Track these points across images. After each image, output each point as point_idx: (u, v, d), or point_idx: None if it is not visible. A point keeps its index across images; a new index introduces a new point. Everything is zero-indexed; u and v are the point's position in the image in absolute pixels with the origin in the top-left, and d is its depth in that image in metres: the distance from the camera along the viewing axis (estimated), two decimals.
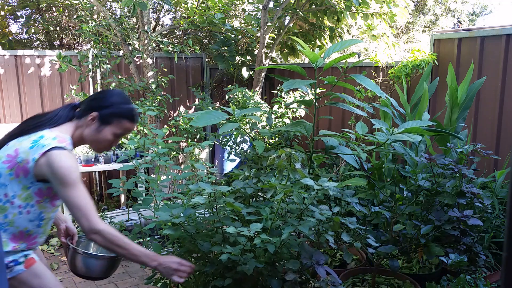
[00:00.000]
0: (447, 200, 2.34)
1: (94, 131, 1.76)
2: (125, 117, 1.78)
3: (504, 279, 0.56)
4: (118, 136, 1.81)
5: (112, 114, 1.76)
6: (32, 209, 1.69)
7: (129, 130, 1.83)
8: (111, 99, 1.78)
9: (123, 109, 1.77)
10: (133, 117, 1.81)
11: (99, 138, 1.77)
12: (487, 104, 3.65)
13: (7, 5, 7.14)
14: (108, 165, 4.28)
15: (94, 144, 1.81)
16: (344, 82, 2.31)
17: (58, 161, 1.60)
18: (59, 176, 1.60)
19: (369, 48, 9.80)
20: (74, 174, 1.62)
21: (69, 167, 1.61)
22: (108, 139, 1.78)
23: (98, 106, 1.76)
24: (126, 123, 1.79)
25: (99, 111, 1.75)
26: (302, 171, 1.82)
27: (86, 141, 1.80)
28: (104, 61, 4.75)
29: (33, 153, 1.62)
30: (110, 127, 1.77)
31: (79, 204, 1.61)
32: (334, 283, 1.78)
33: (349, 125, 4.69)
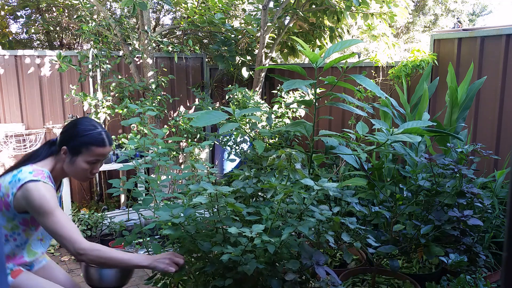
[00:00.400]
0: (447, 200, 2.34)
1: (69, 164, 1.82)
2: (92, 144, 1.80)
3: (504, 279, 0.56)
4: (93, 163, 1.84)
5: (79, 145, 1.80)
6: (19, 237, 1.79)
7: (103, 155, 1.84)
8: (76, 130, 1.81)
9: (89, 137, 1.80)
10: (102, 142, 1.83)
11: (76, 170, 1.82)
12: (487, 104, 3.65)
13: (7, 5, 7.14)
14: (108, 165, 4.28)
15: (74, 175, 1.86)
16: (344, 82, 2.31)
17: (32, 193, 1.67)
18: (35, 207, 1.67)
19: (369, 48, 9.80)
20: (49, 203, 1.67)
21: (43, 197, 1.67)
22: (84, 168, 1.82)
23: (66, 139, 1.82)
24: (96, 149, 1.81)
25: (67, 144, 1.80)
26: (302, 171, 1.82)
27: (67, 174, 1.87)
28: (104, 61, 4.75)
29: (11, 187, 1.71)
30: (81, 156, 1.81)
31: (59, 231, 1.66)
32: (334, 283, 1.78)
33: (349, 125, 4.70)
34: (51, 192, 1.73)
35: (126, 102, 4.45)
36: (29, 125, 4.81)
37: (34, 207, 1.68)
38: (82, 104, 5.00)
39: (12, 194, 1.70)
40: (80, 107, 5.10)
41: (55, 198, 1.73)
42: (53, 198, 1.71)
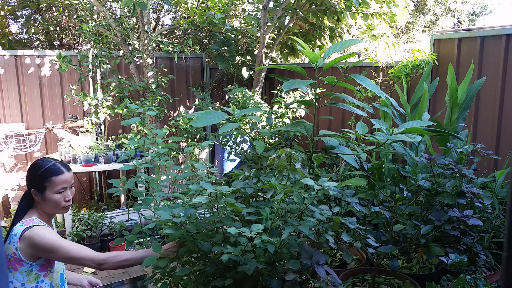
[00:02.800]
0: (447, 200, 2.34)
1: (44, 203, 1.96)
2: (50, 175, 1.95)
3: (504, 279, 0.56)
4: (61, 191, 1.97)
5: (40, 181, 1.94)
6: (43, 283, 1.94)
7: (66, 181, 1.98)
8: (33, 171, 1.97)
9: (45, 171, 1.95)
10: (58, 170, 1.97)
11: (50, 204, 1.96)
12: (487, 104, 3.65)
13: (7, 5, 7.14)
14: (108, 165, 4.28)
15: (52, 210, 1.99)
16: (344, 82, 2.31)
17: (33, 238, 1.83)
18: (43, 247, 1.84)
19: (369, 48, 9.80)
20: (52, 239, 1.84)
21: (44, 237, 1.84)
22: (56, 199, 1.96)
23: (30, 183, 1.97)
24: (56, 179, 1.95)
25: (33, 186, 1.95)
26: (302, 171, 1.82)
27: (49, 212, 2.01)
28: (104, 61, 4.75)
29: (13, 245, 1.86)
30: (48, 191, 1.94)
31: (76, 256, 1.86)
32: (334, 283, 1.78)
33: (349, 125, 4.70)
34: (47, 229, 1.88)
35: (126, 102, 4.45)
36: (29, 125, 4.81)
37: (42, 248, 1.84)
38: (82, 104, 5.00)
39: (17, 249, 1.84)
40: (80, 107, 5.10)
41: (54, 233, 1.89)
42: (53, 234, 1.87)
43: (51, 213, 2.02)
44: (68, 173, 1.99)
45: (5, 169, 4.55)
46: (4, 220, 4.54)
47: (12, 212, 4.47)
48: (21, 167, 4.77)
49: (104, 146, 4.50)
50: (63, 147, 4.38)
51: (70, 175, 2.01)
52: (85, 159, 4.13)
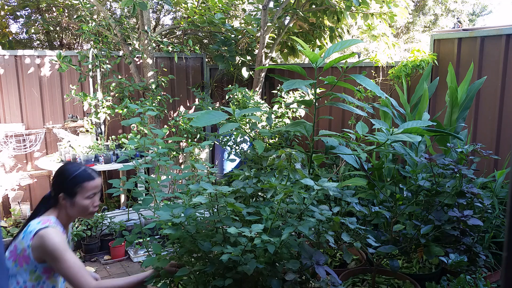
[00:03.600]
0: (447, 200, 2.34)
1: (71, 207, 1.97)
2: (83, 181, 1.97)
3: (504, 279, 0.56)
4: (91, 197, 1.99)
5: (72, 186, 1.95)
6: (45, 284, 1.93)
7: (96, 187, 2.01)
8: (64, 176, 1.98)
9: (77, 177, 1.97)
10: (90, 176, 1.99)
11: (79, 209, 1.97)
12: (487, 104, 3.65)
13: (7, 5, 7.14)
14: (108, 165, 4.28)
15: (80, 215, 2.01)
16: (344, 82, 2.31)
17: (44, 240, 1.83)
18: (48, 253, 1.83)
19: (369, 48, 9.80)
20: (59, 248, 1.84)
21: (54, 243, 1.83)
22: (86, 205, 1.97)
23: (59, 187, 1.97)
24: (88, 184, 1.97)
25: (62, 191, 1.96)
26: (302, 171, 1.82)
27: (73, 217, 2.02)
28: (104, 61, 4.75)
29: (25, 241, 1.86)
30: (79, 196, 1.96)
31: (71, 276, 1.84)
32: (334, 283, 1.78)
33: (349, 125, 4.70)
34: (60, 236, 1.88)
35: (126, 102, 4.45)
36: (29, 125, 4.81)
37: (47, 253, 1.84)
38: (82, 104, 5.00)
39: (28, 246, 1.85)
40: (80, 107, 5.10)
41: (64, 242, 1.88)
42: (63, 243, 1.87)
43: (75, 217, 2.03)
44: (98, 179, 2.02)
45: (5, 169, 4.55)
46: (4, 220, 4.54)
47: (12, 212, 4.47)
48: (21, 167, 4.77)
49: (104, 146, 4.50)
50: (63, 147, 4.38)
51: (100, 181, 2.03)
52: (85, 159, 4.13)
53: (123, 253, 3.94)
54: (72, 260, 1.86)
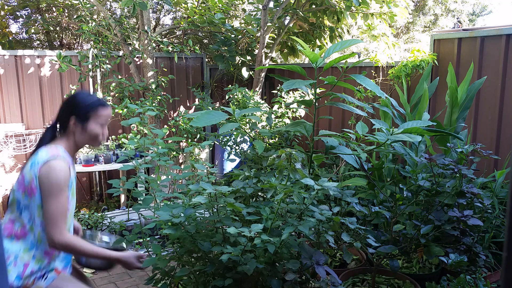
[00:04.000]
0: (447, 200, 2.34)
1: (81, 132, 1.95)
2: (97, 106, 1.96)
3: (504, 279, 0.56)
4: (103, 125, 1.99)
5: (86, 111, 1.94)
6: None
7: (108, 115, 2.01)
8: (77, 100, 1.96)
9: (92, 102, 1.96)
10: (104, 103, 1.99)
11: (90, 135, 1.95)
12: (487, 104, 3.65)
13: (7, 5, 7.14)
14: (108, 165, 4.28)
15: (89, 141, 1.98)
16: (344, 82, 2.31)
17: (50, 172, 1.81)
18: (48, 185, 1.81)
19: (369, 48, 9.80)
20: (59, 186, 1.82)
21: (58, 179, 1.82)
22: (97, 132, 1.96)
23: (71, 111, 1.94)
24: (102, 111, 1.97)
25: (74, 114, 1.93)
26: (302, 171, 1.82)
27: (82, 144, 1.98)
28: (104, 61, 4.75)
29: (33, 171, 1.82)
30: (91, 121, 1.95)
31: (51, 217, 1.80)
32: (334, 283, 1.78)
33: (349, 125, 4.70)
34: (65, 173, 1.85)
35: (126, 102, 4.45)
36: (29, 125, 4.81)
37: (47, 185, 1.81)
38: None
39: (36, 177, 1.81)
40: None
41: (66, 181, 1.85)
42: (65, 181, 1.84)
43: (83, 144, 2.00)
44: (110, 109, 2.02)
45: (5, 169, 4.55)
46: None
47: None
48: (21, 167, 4.78)
49: (104, 146, 4.50)
50: None
51: (111, 111, 2.04)
52: (85, 159, 4.13)
53: None
54: (61, 204, 1.83)
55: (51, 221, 1.81)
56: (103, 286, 3.38)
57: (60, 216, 1.82)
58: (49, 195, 1.81)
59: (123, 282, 3.43)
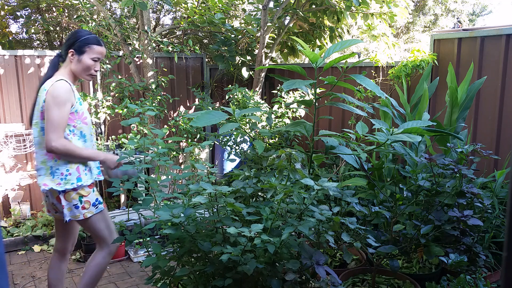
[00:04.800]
0: (447, 200, 2.34)
1: (77, 63, 2.33)
2: (92, 43, 2.33)
3: (504, 279, 0.56)
4: (95, 60, 2.35)
5: (82, 45, 2.32)
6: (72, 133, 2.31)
7: (102, 53, 2.37)
8: (78, 35, 2.34)
9: (88, 39, 2.33)
10: (99, 42, 2.36)
11: (83, 66, 2.33)
12: (487, 104, 3.65)
13: (7, 5, 7.14)
14: None
15: (81, 73, 2.35)
16: (344, 82, 2.31)
17: (54, 89, 2.21)
18: (50, 99, 2.20)
19: (369, 48, 9.80)
20: (59, 99, 2.21)
21: (59, 93, 2.21)
22: (89, 65, 2.33)
23: (71, 44, 2.33)
24: (96, 48, 2.34)
25: (73, 47, 2.32)
26: (302, 171, 1.82)
27: (77, 73, 2.35)
28: (104, 61, 4.75)
29: (42, 97, 2.25)
30: (86, 54, 2.32)
31: (50, 125, 2.18)
32: (334, 283, 1.78)
33: (349, 125, 4.70)
34: (67, 91, 2.24)
35: (126, 102, 4.45)
36: (29, 125, 4.81)
37: (50, 99, 2.20)
38: None
39: (44, 101, 2.22)
40: None
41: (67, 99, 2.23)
42: (65, 97, 2.22)
43: (78, 74, 2.36)
44: (104, 48, 2.38)
45: (5, 169, 4.55)
46: (4, 220, 4.54)
47: (12, 212, 4.48)
48: (21, 167, 4.77)
49: (104, 146, 4.49)
50: None
51: (104, 51, 2.39)
52: None
53: (123, 253, 3.94)
54: (60, 114, 2.20)
55: (51, 127, 2.17)
56: (103, 286, 3.38)
57: (60, 124, 2.19)
58: (51, 106, 2.19)
59: (123, 282, 3.43)
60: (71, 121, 2.29)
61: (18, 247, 4.11)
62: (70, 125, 2.30)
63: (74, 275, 3.58)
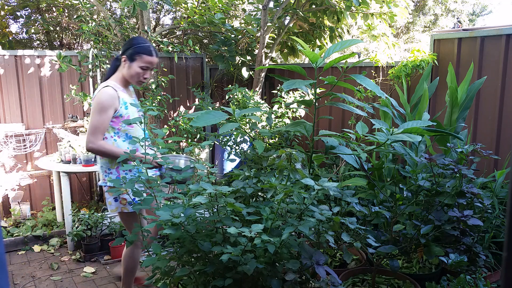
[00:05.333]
0: (447, 200, 2.34)
1: (127, 69, 2.50)
2: (143, 52, 2.48)
3: (504, 279, 0.56)
4: (144, 69, 2.51)
5: (133, 53, 2.48)
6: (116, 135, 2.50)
7: (151, 63, 2.52)
8: (132, 43, 2.50)
9: (140, 47, 2.48)
10: (150, 52, 2.51)
11: (131, 73, 2.50)
12: (487, 104, 3.65)
13: (7, 5, 7.14)
14: None
15: (131, 79, 2.53)
16: (344, 82, 2.31)
17: (98, 96, 2.43)
18: (94, 103, 2.41)
19: (369, 48, 9.80)
20: (100, 105, 2.40)
21: (101, 99, 2.40)
22: (138, 72, 2.50)
23: (125, 50, 2.50)
24: (146, 57, 2.50)
25: (126, 53, 2.49)
26: (302, 171, 1.82)
27: (128, 78, 2.53)
28: (104, 61, 4.75)
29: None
30: (135, 62, 2.48)
31: (90, 127, 2.39)
32: (334, 283, 1.78)
33: (349, 125, 4.70)
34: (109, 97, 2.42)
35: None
36: (29, 125, 4.81)
37: (93, 104, 2.40)
38: (82, 104, 5.00)
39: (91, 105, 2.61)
40: (80, 107, 5.10)
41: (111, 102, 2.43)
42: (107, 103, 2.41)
43: (128, 79, 2.55)
44: (155, 58, 2.54)
45: (5, 169, 4.55)
46: (4, 220, 4.54)
47: (12, 212, 4.47)
48: (21, 167, 4.77)
49: None
50: (63, 147, 4.38)
51: (156, 60, 2.55)
52: (85, 159, 4.12)
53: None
54: (101, 120, 2.40)
55: (90, 130, 2.36)
56: (103, 286, 3.38)
57: (98, 127, 2.37)
58: (94, 111, 2.40)
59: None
60: (115, 124, 2.47)
61: (18, 247, 4.11)
62: (115, 128, 2.48)
63: (74, 275, 3.58)
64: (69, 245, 4.06)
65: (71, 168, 4.04)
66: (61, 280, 3.47)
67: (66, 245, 4.15)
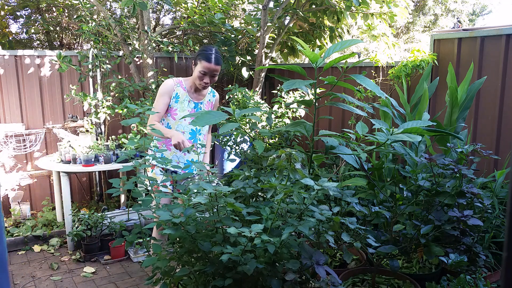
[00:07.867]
0: (447, 200, 2.34)
1: (193, 72, 2.86)
2: (203, 59, 2.76)
3: (504, 279, 0.56)
4: (203, 74, 2.79)
5: (197, 58, 2.81)
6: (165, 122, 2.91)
7: (209, 68, 2.77)
8: (201, 48, 2.83)
9: (203, 54, 2.77)
10: (209, 58, 2.76)
11: (194, 77, 2.86)
12: (487, 104, 3.65)
13: (7, 5, 7.14)
14: (108, 165, 4.27)
15: (195, 81, 2.86)
16: (344, 82, 2.31)
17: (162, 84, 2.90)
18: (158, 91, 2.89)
19: (369, 48, 9.80)
20: (159, 93, 2.86)
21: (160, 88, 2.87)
22: (196, 76, 2.82)
23: (195, 55, 2.83)
24: (205, 63, 2.76)
25: (195, 58, 2.84)
26: (302, 171, 1.82)
27: (192, 81, 2.89)
28: (104, 61, 4.75)
29: None
30: (197, 67, 2.81)
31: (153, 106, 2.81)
32: (334, 283, 1.78)
33: (349, 125, 4.70)
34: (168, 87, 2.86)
35: (126, 102, 4.45)
36: (29, 125, 4.81)
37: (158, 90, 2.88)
38: (82, 104, 5.00)
39: None
40: (80, 107, 5.10)
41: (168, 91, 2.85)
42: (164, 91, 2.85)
43: (192, 81, 2.90)
44: (215, 65, 2.78)
45: (5, 169, 4.55)
46: (4, 220, 4.54)
47: (12, 212, 4.47)
48: (21, 167, 4.77)
49: (104, 146, 4.49)
50: (63, 147, 4.38)
51: (215, 67, 2.78)
52: (85, 159, 4.12)
53: (123, 253, 3.94)
54: (157, 103, 2.81)
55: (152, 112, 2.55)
56: (103, 286, 3.38)
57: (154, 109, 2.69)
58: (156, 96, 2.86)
59: (123, 282, 3.43)
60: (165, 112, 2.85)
61: (18, 247, 4.11)
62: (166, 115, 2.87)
63: (74, 275, 3.58)
64: (69, 245, 4.06)
65: (71, 168, 4.04)
66: (61, 280, 3.47)
67: (66, 245, 4.15)
